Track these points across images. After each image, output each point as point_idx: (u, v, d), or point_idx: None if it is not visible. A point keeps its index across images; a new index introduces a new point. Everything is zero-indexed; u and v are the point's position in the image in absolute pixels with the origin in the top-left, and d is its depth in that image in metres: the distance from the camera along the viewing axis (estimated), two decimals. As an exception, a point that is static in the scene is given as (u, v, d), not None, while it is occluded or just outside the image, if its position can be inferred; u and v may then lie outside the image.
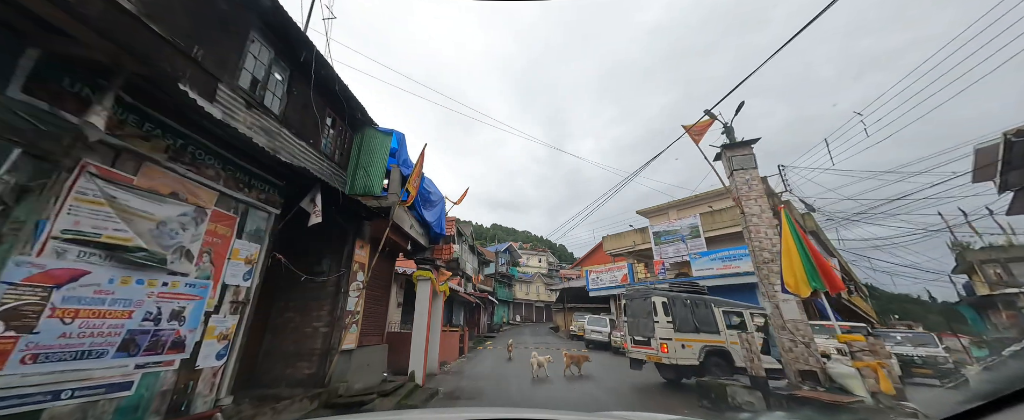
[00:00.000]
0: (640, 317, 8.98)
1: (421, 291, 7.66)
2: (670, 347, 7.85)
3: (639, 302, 9.17)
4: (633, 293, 9.97)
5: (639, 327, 8.95)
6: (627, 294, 10.37)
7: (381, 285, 7.06)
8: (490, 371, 10.61)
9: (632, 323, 9.42)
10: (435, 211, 7.67)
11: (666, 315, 8.27)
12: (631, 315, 9.56)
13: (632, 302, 9.64)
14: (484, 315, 29.15)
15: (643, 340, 8.71)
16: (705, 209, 20.68)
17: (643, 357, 8.72)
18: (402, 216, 6.20)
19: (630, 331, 9.46)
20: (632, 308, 9.56)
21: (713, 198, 21.13)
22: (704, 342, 8.01)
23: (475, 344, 18.89)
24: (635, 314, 9.32)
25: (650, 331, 8.36)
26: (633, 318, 9.42)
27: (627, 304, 10.01)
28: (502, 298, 37.85)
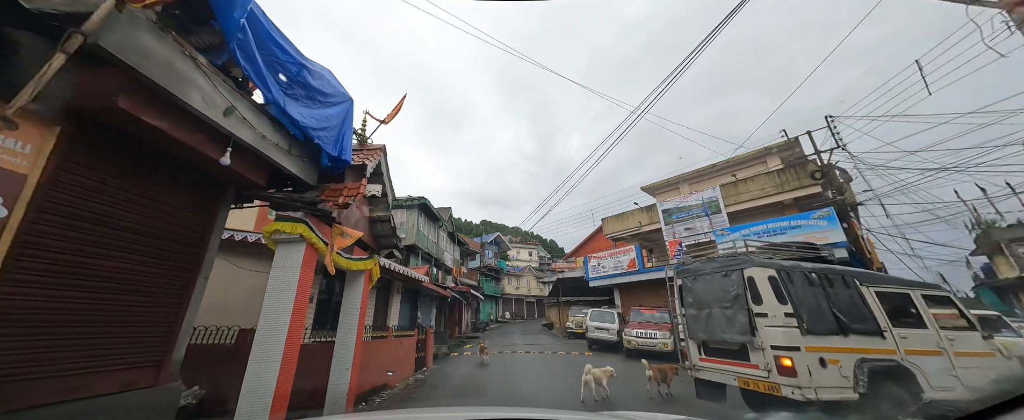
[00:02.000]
0: (717, 306, 5.14)
1: (285, 259, 3.69)
2: (799, 364, 4.11)
3: (715, 280, 5.27)
4: (699, 266, 5.81)
5: (716, 325, 5.10)
6: (686, 269, 6.20)
7: (158, 252, 3.11)
8: (459, 385, 6.96)
9: (699, 319, 5.48)
10: (323, 114, 3.92)
11: (780, 301, 4.46)
12: (696, 305, 5.62)
13: (698, 281, 5.66)
14: (467, 312, 25.43)
15: (729, 349, 4.94)
16: (727, 179, 17.38)
17: (730, 380, 4.90)
18: (188, 79, 2.47)
19: (695, 332, 5.56)
20: (699, 292, 5.61)
21: (736, 166, 17.85)
22: (860, 352, 4.27)
23: (451, 348, 15.14)
24: (705, 302, 5.41)
25: (744, 331, 4.67)
26: (701, 310, 5.47)
27: (686, 285, 5.99)
28: (489, 293, 34.19)
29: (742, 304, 4.78)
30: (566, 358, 11.99)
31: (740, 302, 4.82)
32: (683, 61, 7.07)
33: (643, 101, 8.88)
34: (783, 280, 4.60)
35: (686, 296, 5.89)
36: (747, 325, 4.64)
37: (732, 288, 4.99)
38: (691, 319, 5.68)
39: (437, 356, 12.22)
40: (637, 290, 17.47)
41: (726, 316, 4.99)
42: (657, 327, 11.83)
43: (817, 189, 14.55)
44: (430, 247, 19.76)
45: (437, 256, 21.03)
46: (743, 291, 4.83)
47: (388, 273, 8.66)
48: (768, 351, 4.36)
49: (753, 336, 4.58)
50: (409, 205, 18.06)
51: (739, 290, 4.89)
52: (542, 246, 76.07)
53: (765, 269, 4.73)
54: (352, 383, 4.86)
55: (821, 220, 12.02)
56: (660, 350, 11.17)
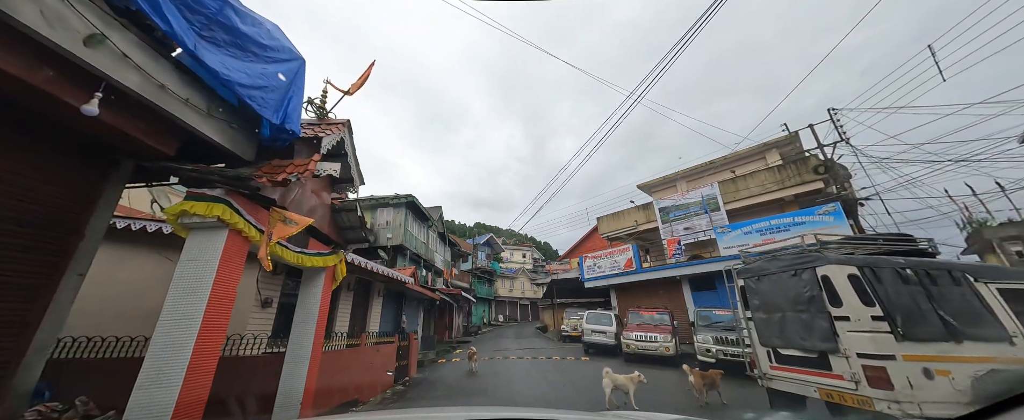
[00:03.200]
0: (790, 310, 4.57)
1: (198, 249, 2.78)
2: (895, 375, 3.44)
3: (783, 280, 4.69)
4: (762, 265, 5.15)
5: (791, 330, 4.51)
6: (747, 268, 5.51)
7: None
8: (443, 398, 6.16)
9: (770, 323, 4.86)
10: (259, 71, 3.12)
11: (865, 302, 3.84)
12: (764, 307, 5.01)
13: (763, 281, 5.07)
14: (458, 316, 24.52)
15: (806, 357, 4.33)
16: (726, 176, 16.89)
17: (810, 391, 4.27)
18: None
19: (766, 337, 4.92)
20: (765, 294, 5.01)
21: (735, 162, 17.36)
22: (982, 361, 3.53)
23: (440, 354, 14.26)
24: (775, 304, 4.82)
25: (826, 338, 4.07)
26: (771, 313, 4.87)
27: (749, 286, 5.36)
28: (482, 296, 33.30)
29: (819, 307, 4.18)
30: (561, 364, 11.22)
31: (816, 304, 4.22)
32: (678, 43, 6.45)
33: (638, 86, 8.25)
34: (868, 278, 3.94)
35: (751, 298, 5.29)
36: (828, 331, 4.05)
37: (805, 289, 4.39)
38: (760, 323, 5.04)
39: (423, 364, 11.35)
40: (635, 291, 16.82)
41: (801, 320, 4.39)
42: (657, 329, 11.13)
43: (819, 185, 14.10)
44: (419, 248, 18.88)
45: (426, 257, 20.14)
46: (818, 292, 4.24)
47: (366, 273, 7.82)
48: (854, 360, 3.77)
49: (835, 343, 3.97)
50: (396, 203, 17.18)
51: (813, 291, 4.29)
52: (536, 248, 75.57)
53: (843, 266, 4.10)
54: (306, 400, 4.03)
55: (827, 215, 11.51)
56: (661, 354, 10.46)
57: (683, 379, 8.78)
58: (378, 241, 16.60)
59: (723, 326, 9.98)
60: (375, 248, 16.12)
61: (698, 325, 10.37)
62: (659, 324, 11.76)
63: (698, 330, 10.00)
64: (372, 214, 17.19)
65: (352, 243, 4.96)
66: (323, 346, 4.58)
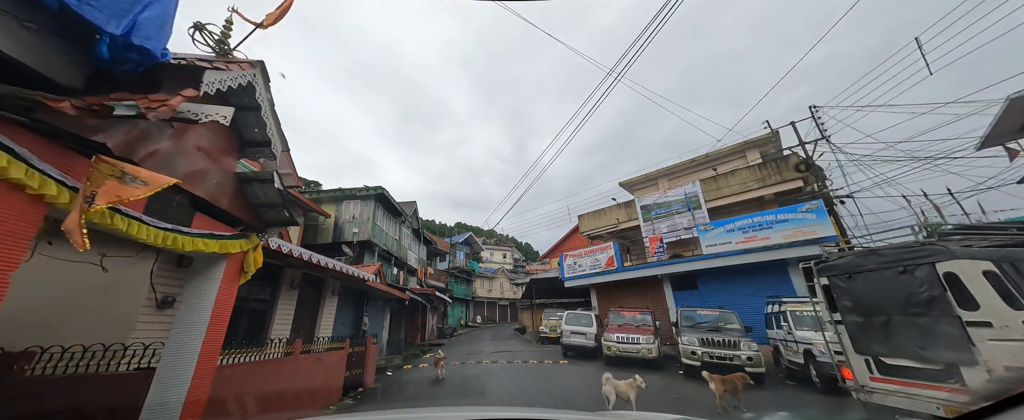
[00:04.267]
0: (899, 313, 3.96)
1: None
2: None
3: (887, 278, 4.07)
4: (854, 260, 4.52)
5: (902, 337, 3.87)
6: (833, 263, 4.84)
7: None
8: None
9: (869, 328, 4.23)
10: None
11: (1012, 305, 3.27)
12: (859, 310, 4.37)
13: (857, 279, 4.43)
14: (433, 317, 23.29)
15: (925, 369, 3.70)
16: (707, 174, 16.66)
17: (932, 408, 3.60)
18: None
19: (864, 344, 4.27)
20: (861, 294, 4.37)
21: (717, 160, 17.19)
22: None
23: (407, 359, 13.10)
24: (875, 306, 4.20)
25: (957, 347, 3.46)
26: (869, 316, 4.23)
27: (836, 284, 4.71)
28: (459, 296, 32.12)
29: (943, 310, 3.62)
30: (538, 369, 10.39)
31: (938, 307, 3.65)
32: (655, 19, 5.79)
33: (618, 63, 7.56)
34: (1010, 275, 3.32)
35: (840, 298, 4.66)
36: (960, 339, 3.47)
37: (921, 288, 3.81)
38: (854, 328, 4.45)
39: (385, 370, 10.21)
40: (616, 290, 16.29)
41: (917, 326, 3.80)
42: (639, 330, 10.50)
43: (799, 183, 14.04)
44: (389, 244, 17.59)
45: (398, 255, 18.86)
46: (940, 292, 3.68)
47: (314, 269, 6.68)
48: (998, 374, 3.20)
49: (970, 353, 3.37)
50: (364, 195, 15.86)
51: (933, 291, 3.72)
52: (517, 249, 74.96)
53: (976, 262, 3.48)
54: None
55: (809, 213, 11.30)
56: (644, 356, 9.82)
57: (668, 383, 8.17)
58: (342, 236, 15.24)
59: (708, 326, 9.45)
60: (338, 243, 14.75)
61: (682, 325, 9.80)
62: (641, 325, 11.16)
63: (682, 331, 9.43)
64: (337, 207, 15.79)
65: (273, 226, 3.89)
66: (219, 357, 3.48)
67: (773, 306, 9.94)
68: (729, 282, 12.86)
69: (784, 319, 8.76)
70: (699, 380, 8.32)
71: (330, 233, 15.26)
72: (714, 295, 13.03)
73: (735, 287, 12.68)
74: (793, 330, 8.26)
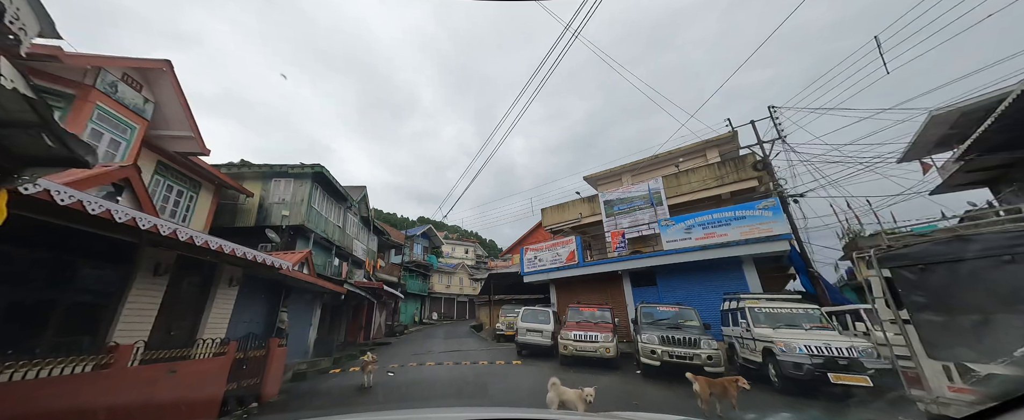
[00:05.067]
0: (1007, 310, 3.33)
1: None
2: None
3: (989, 268, 3.51)
4: (930, 249, 3.96)
5: (1006, 338, 3.22)
6: (901, 253, 4.22)
7: None
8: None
9: (953, 328, 3.67)
10: None
11: None
12: (936, 305, 3.82)
13: (934, 272, 3.89)
14: (381, 314, 21.38)
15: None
16: (669, 170, 16.61)
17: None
18: None
19: (942, 347, 3.70)
20: (941, 288, 3.82)
21: (679, 157, 17.20)
22: None
23: (337, 362, 11.40)
24: (964, 302, 3.64)
25: None
26: (955, 314, 3.68)
27: (904, 278, 4.13)
28: (413, 292, 30.22)
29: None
30: (488, 371, 9.31)
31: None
32: None
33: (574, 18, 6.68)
34: None
35: (909, 294, 4.03)
36: None
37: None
38: (928, 328, 3.81)
39: (304, 376, 8.55)
40: (576, 286, 15.71)
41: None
42: (597, 327, 9.82)
43: (754, 183, 14.30)
44: (330, 231, 15.55)
45: (341, 244, 16.82)
46: None
47: (191, 250, 5.00)
48: None
49: None
50: (298, 173, 13.74)
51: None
52: (481, 245, 73.67)
53: None
54: None
55: (766, 211, 11.34)
56: (601, 356, 9.12)
57: (626, 386, 7.47)
58: (269, 219, 13.06)
59: (668, 324, 8.95)
60: (263, 227, 12.59)
61: (641, 323, 9.24)
62: (600, 322, 10.52)
63: (642, 328, 8.85)
64: (264, 185, 13.52)
65: (37, 167, 2.38)
66: None
67: (730, 302, 9.73)
68: (687, 278, 12.71)
69: (742, 316, 8.47)
70: (659, 381, 7.76)
71: (253, 215, 13.00)
72: (672, 291, 12.82)
73: (693, 284, 12.54)
74: (752, 327, 7.94)
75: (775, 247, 10.88)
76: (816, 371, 6.23)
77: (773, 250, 10.95)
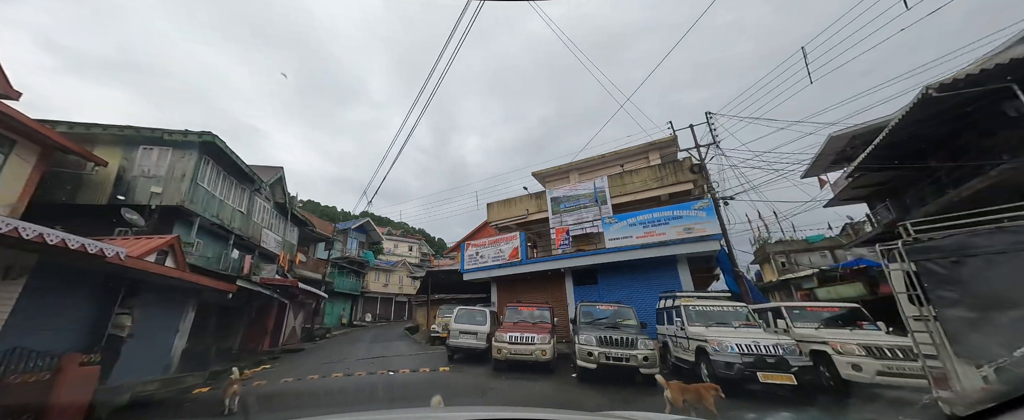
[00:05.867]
0: None
1: None
2: None
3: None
4: (964, 241, 3.77)
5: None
6: (932, 246, 3.99)
7: None
8: None
9: (987, 325, 3.40)
10: None
11: None
12: (968, 301, 3.60)
13: (967, 266, 3.66)
14: (297, 315, 18.56)
15: None
16: (615, 170, 16.69)
17: None
18: None
19: (976, 346, 3.44)
20: (974, 283, 3.60)
21: (625, 157, 17.40)
22: None
23: (211, 378, 9.11)
24: (1002, 298, 3.37)
25: None
26: (989, 311, 3.42)
27: (932, 271, 3.88)
28: (343, 290, 27.21)
29: None
30: (406, 382, 8.00)
31: None
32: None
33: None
34: None
35: (937, 289, 3.81)
36: None
37: None
38: (958, 326, 3.62)
39: (148, 403, 6.40)
40: (518, 284, 14.95)
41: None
42: (535, 328, 9.05)
43: (690, 185, 14.87)
44: (226, 217, 12.80)
45: (244, 233, 14.04)
46: None
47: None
48: None
49: None
50: (180, 142, 10.96)
51: None
52: (428, 242, 70.51)
53: None
54: None
55: (701, 211, 11.62)
56: (537, 359, 8.33)
57: (560, 394, 6.74)
58: (134, 196, 10.19)
59: (606, 323, 8.47)
60: (118, 205, 9.76)
61: (580, 322, 8.66)
62: (539, 322, 9.78)
63: (580, 328, 8.25)
64: (125, 153, 10.55)
65: None
66: None
67: (666, 301, 9.64)
68: (627, 277, 12.64)
69: (677, 314, 8.29)
70: (595, 386, 7.09)
71: (106, 190, 10.01)
72: (613, 290, 12.66)
73: (632, 282, 12.49)
74: (686, 326, 7.74)
75: (708, 247, 11.15)
76: (746, 370, 6.06)
77: (706, 250, 11.22)
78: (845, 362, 6.04)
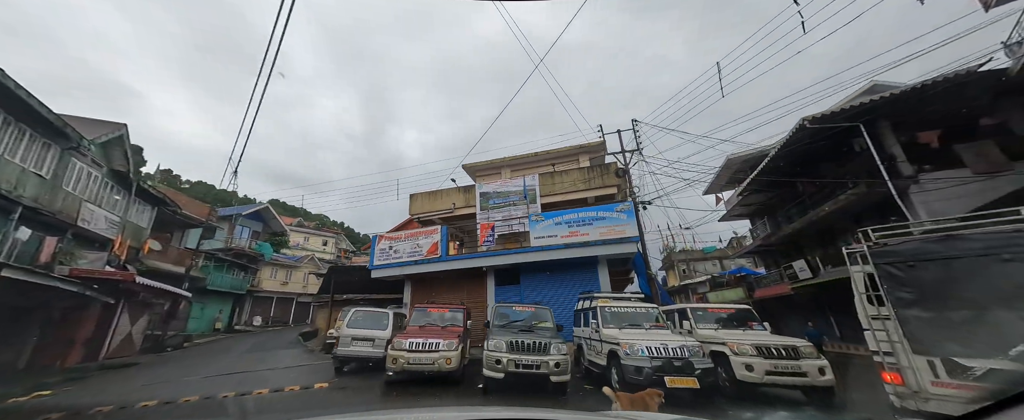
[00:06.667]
0: (1002, 307, 3.38)
1: None
2: None
3: (984, 266, 3.59)
4: (922, 246, 4.04)
5: (999, 333, 3.26)
6: (893, 250, 4.21)
7: None
8: None
9: (941, 323, 3.70)
10: None
11: None
12: (924, 302, 3.86)
13: (925, 268, 3.91)
14: (135, 319, 14.23)
15: None
16: (546, 169, 16.46)
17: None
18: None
19: (929, 342, 3.69)
20: (932, 282, 3.86)
21: (557, 158, 17.30)
22: None
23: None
24: (956, 298, 3.69)
25: None
26: (944, 311, 3.71)
27: (891, 274, 4.10)
28: (222, 288, 22.29)
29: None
30: (258, 405, 6.12)
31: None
32: None
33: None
34: None
35: (895, 290, 4.07)
36: None
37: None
38: (915, 324, 3.86)
39: None
40: (436, 284, 13.57)
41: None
42: (443, 333, 7.88)
43: (614, 190, 15.35)
44: (6, 179, 8.94)
45: (49, 206, 10.06)
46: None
47: None
48: None
49: None
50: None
51: None
52: (349, 238, 63.83)
53: None
54: None
55: (622, 213, 11.80)
56: (440, 369, 7.16)
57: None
58: None
59: (521, 326, 7.73)
60: None
61: (494, 325, 7.78)
62: (450, 325, 8.62)
63: (492, 332, 7.36)
64: None
65: None
66: None
67: (584, 302, 9.36)
68: (550, 277, 12.27)
69: (593, 316, 7.96)
70: (503, 398, 6.36)
71: None
72: (535, 290, 12.18)
73: (554, 282, 12.17)
74: (600, 327, 7.41)
75: (627, 249, 11.33)
76: (654, 374, 5.82)
77: (625, 251, 11.39)
78: (740, 363, 6.18)
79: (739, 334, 7.05)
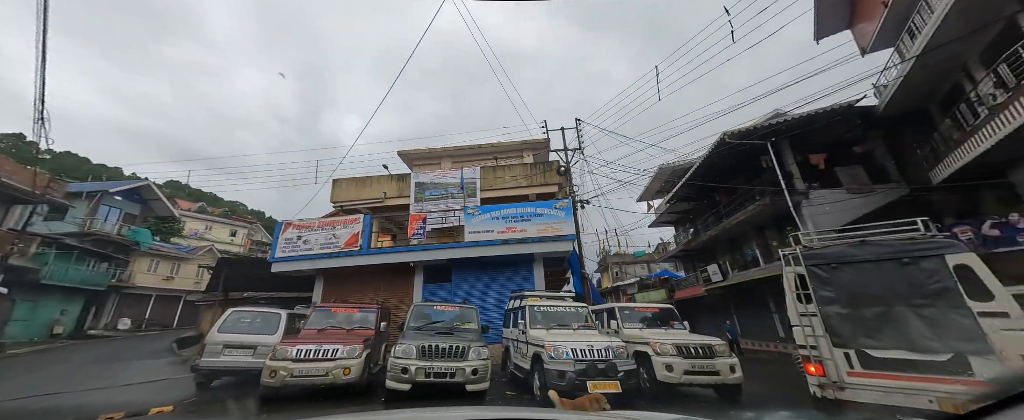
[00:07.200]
0: (901, 304, 3.83)
1: None
2: None
3: (884, 270, 4.04)
4: (845, 251, 4.40)
5: (899, 327, 3.74)
6: (819, 253, 4.55)
7: None
8: None
9: (857, 320, 4.07)
10: None
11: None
12: (843, 301, 4.21)
13: (843, 271, 4.27)
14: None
15: (922, 361, 3.48)
16: (489, 162, 15.71)
17: (923, 403, 3.34)
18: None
19: (846, 335, 4.04)
20: (849, 284, 4.21)
21: (501, 152, 16.63)
22: None
23: None
24: (867, 297, 4.06)
25: (969, 338, 3.35)
26: (858, 307, 4.11)
27: (817, 274, 4.42)
28: (69, 282, 17.39)
29: (953, 301, 3.59)
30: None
31: (948, 299, 3.61)
32: None
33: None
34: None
35: (819, 289, 4.38)
36: (972, 329, 3.35)
37: (929, 280, 3.76)
38: (835, 320, 4.19)
39: None
40: (354, 279, 11.92)
41: (923, 317, 3.70)
42: (345, 338, 6.61)
43: (555, 188, 15.22)
44: None
45: None
46: (952, 283, 3.65)
47: None
48: (1015, 363, 3.05)
49: (984, 343, 3.20)
50: None
51: (944, 282, 3.68)
52: (266, 230, 56.13)
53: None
54: None
55: (560, 211, 11.55)
56: (334, 381, 5.92)
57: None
58: None
59: (441, 328, 6.82)
60: None
61: (408, 328, 6.76)
62: (358, 327, 7.35)
63: (404, 335, 6.35)
64: None
65: None
66: None
67: (515, 301, 8.78)
68: (483, 275, 11.51)
69: (521, 316, 7.38)
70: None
71: None
72: (466, 288, 11.32)
73: (488, 280, 11.45)
74: (527, 328, 6.84)
75: (564, 247, 11.08)
76: (577, 379, 5.38)
77: (561, 250, 11.12)
78: (661, 363, 6.06)
79: (661, 333, 7.04)
